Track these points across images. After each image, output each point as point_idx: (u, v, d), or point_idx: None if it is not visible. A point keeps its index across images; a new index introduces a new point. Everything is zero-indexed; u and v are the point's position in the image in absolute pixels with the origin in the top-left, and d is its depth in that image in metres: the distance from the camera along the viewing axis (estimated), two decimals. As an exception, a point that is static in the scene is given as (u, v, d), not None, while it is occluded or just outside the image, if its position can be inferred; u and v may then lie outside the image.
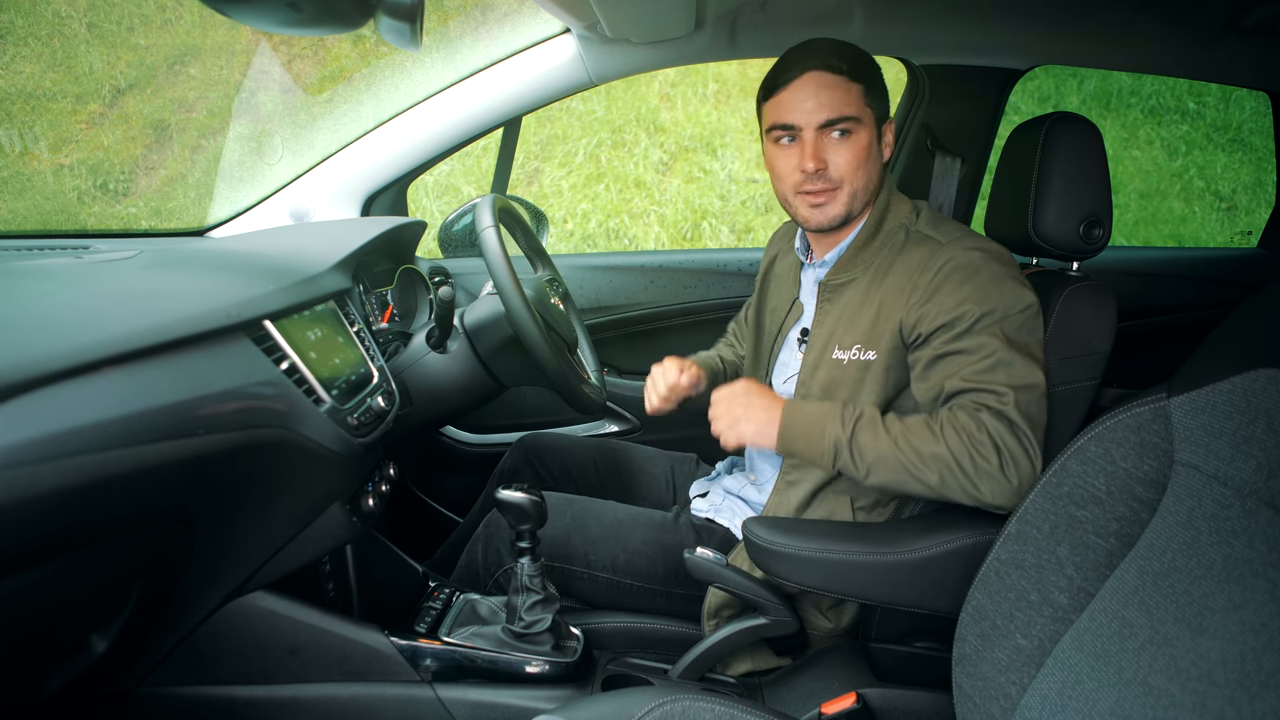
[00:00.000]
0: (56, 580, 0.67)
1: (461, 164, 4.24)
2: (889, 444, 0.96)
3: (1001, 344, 0.95)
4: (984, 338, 0.96)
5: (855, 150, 1.05)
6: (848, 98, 1.03)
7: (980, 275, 0.99)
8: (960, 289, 0.98)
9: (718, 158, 4.49)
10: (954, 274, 0.99)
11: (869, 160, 1.06)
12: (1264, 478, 0.63)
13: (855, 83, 1.03)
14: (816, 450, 1.00)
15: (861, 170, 1.06)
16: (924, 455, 0.94)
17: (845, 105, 1.03)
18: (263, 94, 2.69)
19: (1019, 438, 0.92)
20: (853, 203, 1.08)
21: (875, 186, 1.10)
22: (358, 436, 0.97)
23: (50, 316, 0.71)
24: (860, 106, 1.04)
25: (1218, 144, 4.83)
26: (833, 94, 1.03)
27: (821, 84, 1.03)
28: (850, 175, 1.06)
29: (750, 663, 1.19)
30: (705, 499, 1.33)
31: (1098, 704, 0.67)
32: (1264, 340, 0.69)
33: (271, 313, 0.90)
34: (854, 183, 1.06)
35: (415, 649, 1.09)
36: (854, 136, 1.04)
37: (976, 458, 0.92)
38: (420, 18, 0.65)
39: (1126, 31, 1.50)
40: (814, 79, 1.03)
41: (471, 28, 1.81)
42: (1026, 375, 0.95)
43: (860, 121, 1.04)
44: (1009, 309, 0.98)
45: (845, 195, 1.07)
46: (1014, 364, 0.95)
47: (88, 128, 3.80)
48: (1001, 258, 1.02)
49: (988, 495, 0.92)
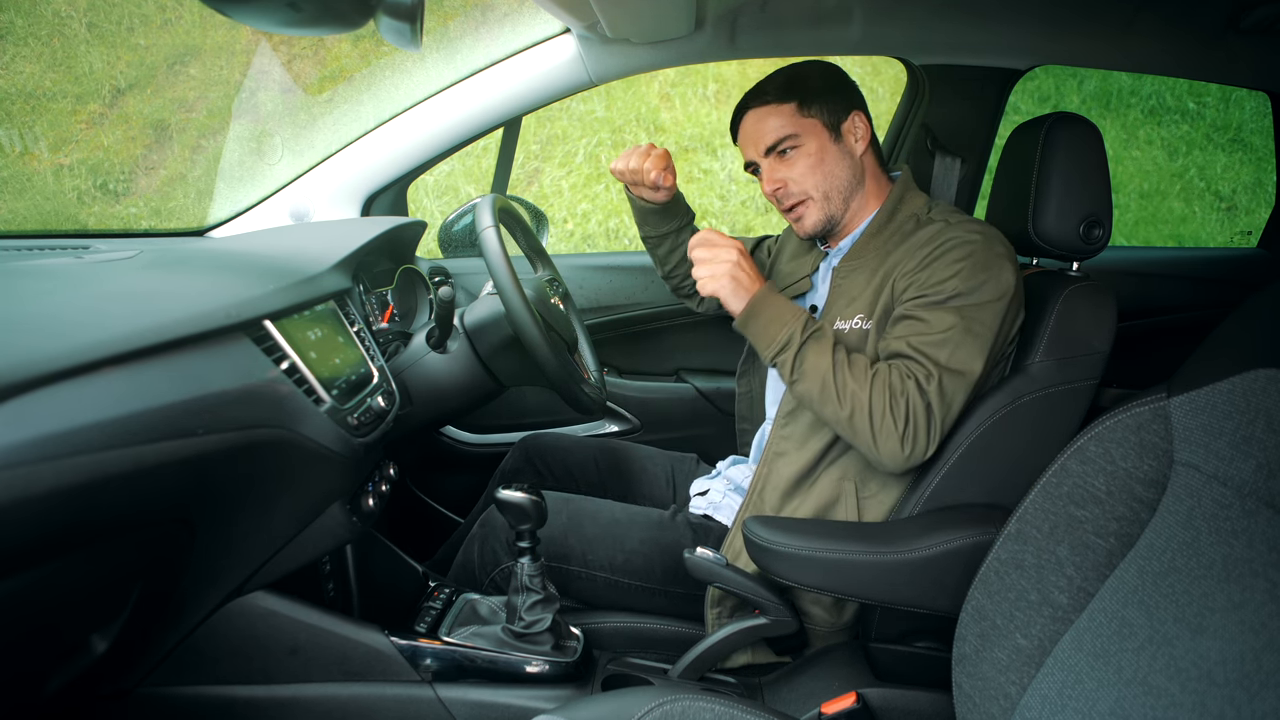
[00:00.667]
0: (56, 580, 0.67)
1: (461, 164, 4.24)
2: (827, 365, 1.02)
3: (959, 325, 1.00)
4: (947, 314, 1.01)
5: (804, 160, 1.14)
6: (779, 120, 1.14)
7: (974, 257, 1.03)
8: (951, 266, 1.03)
9: (718, 158, 4.49)
10: (951, 250, 1.04)
11: (825, 163, 1.15)
12: (1264, 478, 0.63)
13: (784, 103, 1.14)
14: (767, 338, 1.06)
15: (819, 174, 1.15)
16: (849, 390, 1.01)
17: (777, 129, 1.14)
18: (263, 94, 2.69)
19: (929, 419, 1.00)
20: (828, 205, 1.16)
21: (849, 181, 1.16)
22: (358, 436, 0.97)
23: (50, 316, 0.71)
24: (795, 122, 1.14)
25: (1218, 144, 4.82)
26: (764, 122, 1.15)
27: (755, 119, 1.16)
28: (810, 183, 1.15)
29: (750, 662, 1.19)
30: (705, 496, 1.33)
31: (1098, 704, 0.67)
32: (1264, 340, 0.69)
33: (271, 313, 0.90)
34: (818, 188, 1.15)
35: (415, 649, 1.09)
36: (799, 149, 1.14)
37: (888, 416, 0.99)
38: (420, 18, 0.65)
39: (1127, 31, 1.50)
40: (750, 117, 1.17)
41: (471, 28, 1.81)
42: (966, 361, 1.00)
43: (798, 135, 1.14)
44: (984, 296, 1.01)
45: (817, 202, 1.16)
46: (960, 347, 1.00)
47: (88, 128, 3.80)
48: (999, 241, 1.06)
49: (883, 454, 1.01)
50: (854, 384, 1.00)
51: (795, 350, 1.04)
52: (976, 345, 1.01)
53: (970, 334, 1.00)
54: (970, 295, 1.01)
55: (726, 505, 1.28)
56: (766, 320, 1.06)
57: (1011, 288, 1.03)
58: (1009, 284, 1.03)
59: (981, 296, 1.01)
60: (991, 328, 1.02)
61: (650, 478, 1.50)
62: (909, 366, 1.01)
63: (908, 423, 0.99)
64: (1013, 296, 1.03)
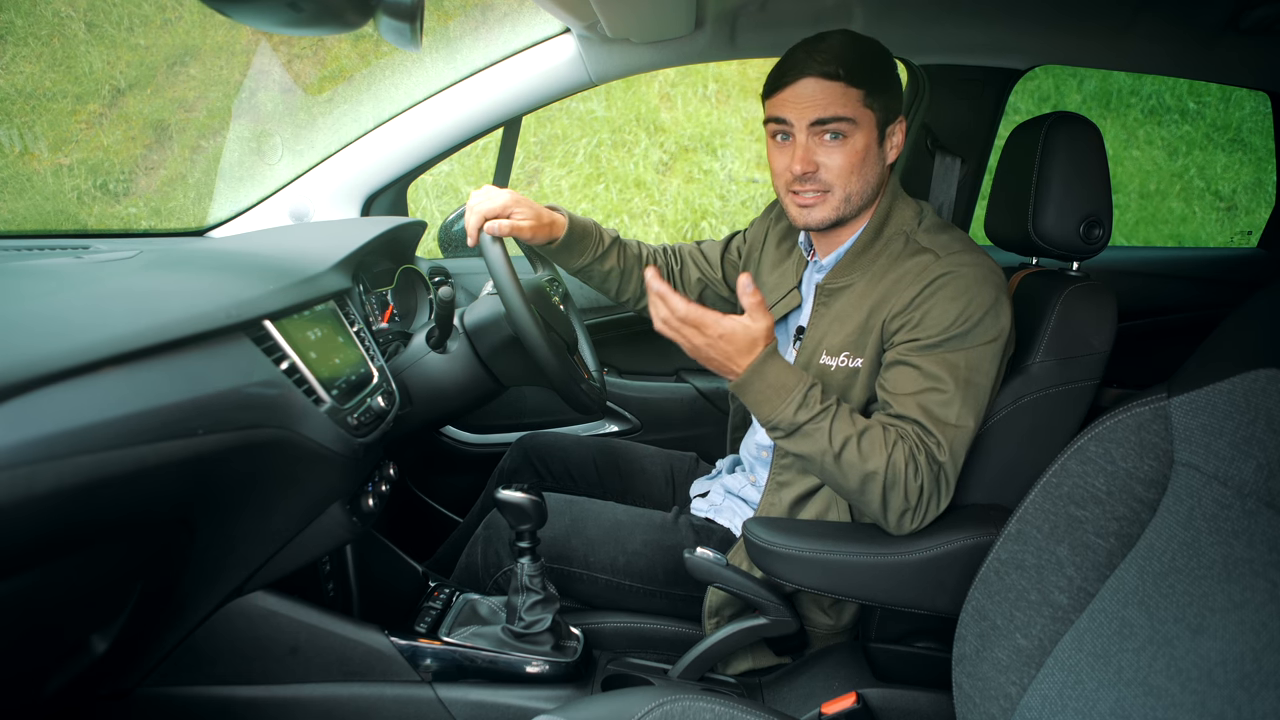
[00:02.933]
0: (57, 580, 0.67)
1: (461, 164, 4.24)
2: (827, 449, 0.96)
3: (956, 378, 0.98)
4: (945, 363, 0.98)
5: (849, 154, 1.04)
6: (843, 99, 1.02)
7: (968, 294, 0.99)
8: (945, 305, 0.99)
9: (718, 158, 4.49)
10: (944, 288, 1.00)
11: (865, 164, 1.05)
12: (1264, 478, 0.63)
13: (854, 87, 1.02)
14: (759, 415, 1.00)
15: (856, 175, 1.05)
16: (858, 470, 0.95)
17: (839, 106, 1.02)
18: (263, 94, 2.69)
19: (940, 491, 0.98)
20: (844, 207, 1.07)
21: (873, 190, 1.08)
22: (358, 436, 0.97)
23: (50, 316, 0.71)
24: (857, 109, 1.02)
25: (1218, 144, 4.83)
26: (826, 95, 1.02)
27: (817, 87, 1.02)
28: (842, 180, 1.05)
29: (750, 662, 1.19)
30: (705, 499, 1.33)
31: (1098, 704, 0.67)
32: (1264, 340, 0.69)
33: (271, 313, 0.90)
34: (846, 187, 1.05)
35: (415, 649, 1.09)
36: (848, 140, 1.03)
37: (902, 496, 0.96)
38: (420, 18, 0.65)
39: (1126, 31, 1.50)
40: (810, 84, 1.02)
41: (471, 28, 1.81)
42: (965, 416, 0.98)
43: (855, 124, 1.02)
44: (977, 339, 0.99)
45: (836, 199, 1.06)
46: (960, 402, 0.98)
47: (88, 128, 3.80)
48: (991, 280, 1.01)
49: (891, 525, 0.99)
50: (867, 466, 0.95)
51: (786, 433, 0.98)
52: (976, 398, 0.99)
53: (971, 385, 0.98)
54: (966, 339, 0.98)
55: (727, 508, 1.28)
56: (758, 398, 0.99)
57: (1007, 328, 1.01)
58: (1004, 325, 1.00)
59: (978, 338, 0.99)
60: (989, 374, 1.00)
61: (650, 477, 1.49)
62: (921, 438, 0.97)
63: (921, 498, 0.96)
64: (1008, 336, 1.01)
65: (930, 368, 0.98)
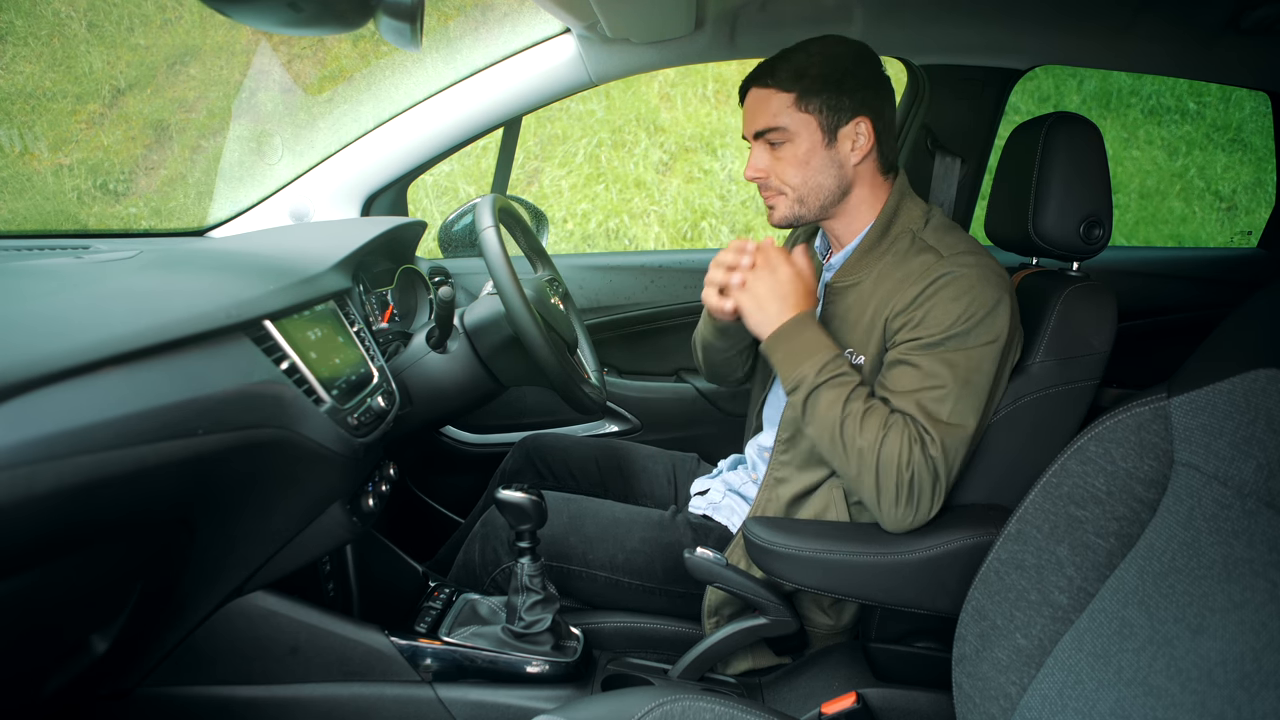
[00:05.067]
0: (56, 580, 0.67)
1: (461, 164, 4.24)
2: (837, 417, 0.99)
3: (956, 377, 0.98)
4: (944, 362, 0.98)
5: (789, 158, 1.08)
6: (775, 107, 1.06)
7: (970, 294, 0.99)
8: (946, 305, 0.99)
9: (718, 158, 4.49)
10: (946, 288, 1.00)
11: (809, 166, 1.08)
12: (1264, 478, 0.63)
13: (785, 92, 1.05)
14: (784, 373, 1.03)
15: (801, 175, 1.08)
16: (856, 447, 0.98)
17: (770, 116, 1.06)
18: (263, 94, 2.69)
19: (934, 484, 0.98)
20: (800, 207, 1.10)
21: (834, 188, 1.09)
22: (358, 436, 0.97)
23: (50, 316, 0.71)
24: (790, 115, 1.06)
25: (1218, 144, 4.83)
26: (761, 105, 1.07)
27: (756, 98, 1.08)
28: (791, 181, 1.08)
29: (750, 662, 1.19)
30: (704, 496, 1.33)
31: (1098, 704, 0.67)
32: (1264, 340, 0.69)
33: (271, 313, 0.90)
34: (797, 189, 1.09)
35: (415, 649, 1.09)
36: (788, 145, 1.07)
37: (892, 483, 0.97)
38: (420, 18, 0.65)
39: (1127, 31, 1.50)
40: (752, 96, 1.09)
41: (471, 28, 1.81)
42: (964, 415, 0.99)
43: (787, 130, 1.06)
44: (979, 339, 0.99)
45: (790, 200, 1.10)
46: (961, 400, 0.98)
47: (88, 128, 3.80)
48: (994, 281, 1.01)
49: (884, 516, 0.99)
50: (862, 441, 0.97)
51: (806, 393, 1.00)
52: (976, 397, 0.99)
53: (970, 385, 0.98)
54: (967, 338, 0.98)
55: (726, 505, 1.28)
56: (786, 354, 1.02)
57: (1007, 329, 1.00)
58: (1007, 326, 1.00)
59: (979, 338, 0.98)
60: (989, 374, 0.99)
61: (651, 477, 1.50)
62: (917, 429, 0.98)
63: (912, 490, 0.97)
64: (1009, 336, 1.01)
65: (930, 366, 0.99)
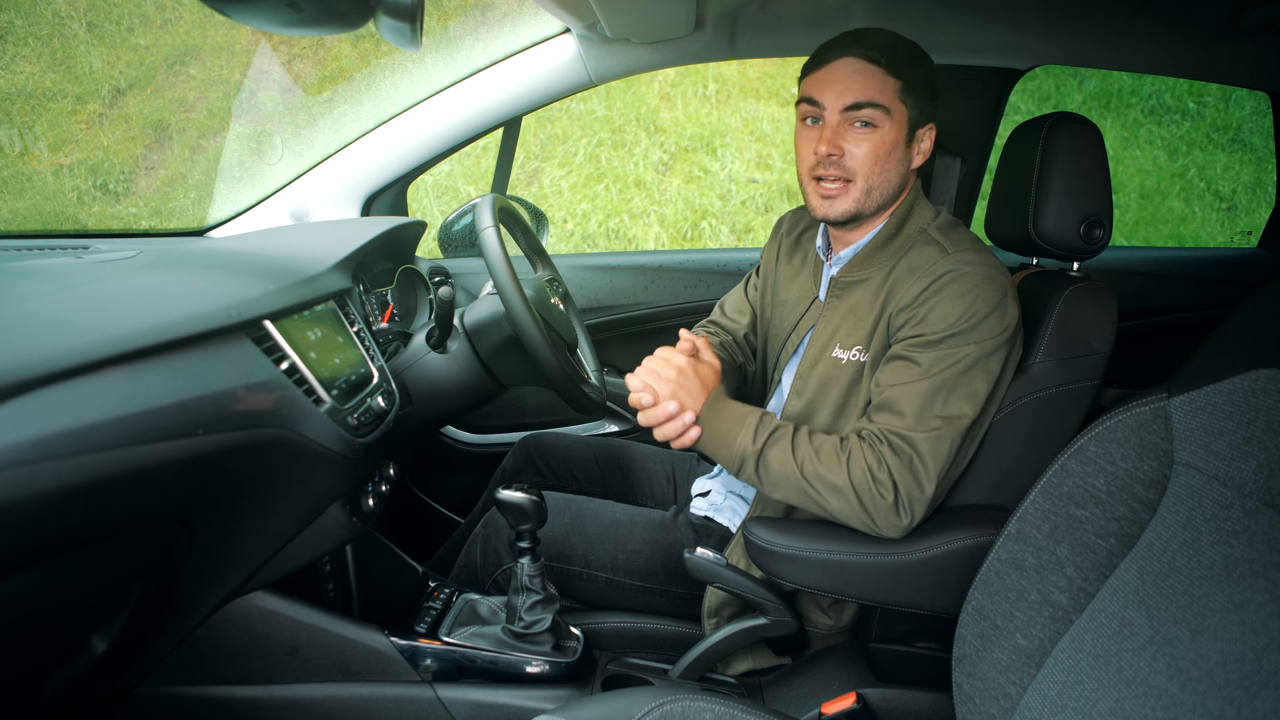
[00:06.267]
0: (57, 580, 0.67)
1: (461, 164, 4.24)
2: (794, 468, 0.98)
3: (954, 371, 0.97)
4: (941, 359, 0.97)
5: (876, 144, 1.02)
6: (880, 86, 1.00)
7: (972, 293, 0.98)
8: (947, 303, 0.98)
9: (718, 158, 4.49)
10: (948, 287, 0.99)
11: (890, 159, 1.03)
12: (1264, 478, 0.63)
13: (893, 77, 1.01)
14: (724, 457, 1.02)
15: (879, 166, 1.03)
16: (826, 483, 0.97)
17: (876, 92, 1.00)
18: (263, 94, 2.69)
19: (917, 477, 0.95)
20: (865, 200, 1.05)
21: (894, 189, 1.07)
22: (358, 436, 0.97)
23: (50, 316, 0.71)
24: (892, 99, 1.01)
25: (1218, 144, 4.83)
26: (863, 79, 1.00)
27: (855, 68, 1.01)
28: (866, 169, 1.03)
29: (750, 662, 1.19)
30: (706, 498, 1.33)
31: (1098, 704, 0.67)
32: (1264, 340, 0.69)
33: (271, 313, 0.90)
34: (869, 178, 1.03)
35: (415, 649, 1.09)
36: (878, 130, 1.01)
37: (874, 494, 0.95)
38: (420, 18, 0.65)
39: (1126, 32, 1.50)
40: (848, 64, 1.01)
41: (471, 28, 1.81)
42: (957, 408, 0.97)
43: (888, 113, 1.01)
44: (980, 336, 0.98)
45: (858, 190, 1.04)
46: (951, 394, 0.97)
47: (88, 128, 3.80)
48: (997, 280, 1.00)
49: (882, 528, 0.97)
50: (830, 475, 0.96)
51: (755, 462, 0.99)
52: (973, 392, 0.97)
53: (967, 378, 0.97)
54: (969, 335, 0.97)
55: (727, 507, 1.28)
56: (714, 438, 1.02)
57: (1008, 329, 0.99)
58: (1006, 325, 0.99)
59: (980, 336, 0.97)
60: (991, 371, 0.99)
61: (651, 477, 1.50)
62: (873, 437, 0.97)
63: (895, 490, 0.95)
64: (1011, 336, 1.00)
65: (929, 363, 0.98)
